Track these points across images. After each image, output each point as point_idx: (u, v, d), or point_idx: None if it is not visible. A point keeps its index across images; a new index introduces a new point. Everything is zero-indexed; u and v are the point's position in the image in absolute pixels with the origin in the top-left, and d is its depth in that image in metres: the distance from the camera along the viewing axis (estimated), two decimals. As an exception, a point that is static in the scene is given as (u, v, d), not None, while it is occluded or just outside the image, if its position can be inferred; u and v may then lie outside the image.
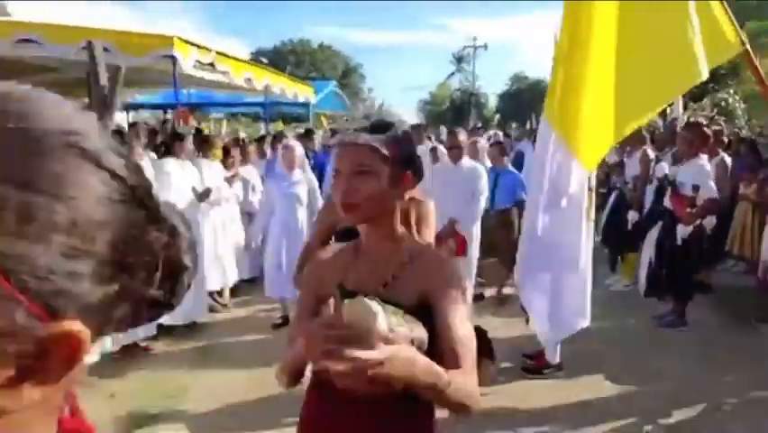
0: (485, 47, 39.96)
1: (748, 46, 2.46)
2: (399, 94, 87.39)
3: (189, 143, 4.50)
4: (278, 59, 42.13)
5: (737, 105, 8.42)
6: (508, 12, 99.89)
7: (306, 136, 9.18)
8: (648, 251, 4.56)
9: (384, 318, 0.98)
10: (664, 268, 4.37)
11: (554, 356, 3.52)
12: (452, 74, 49.00)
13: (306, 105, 14.28)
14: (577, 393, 3.32)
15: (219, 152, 5.57)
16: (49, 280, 0.33)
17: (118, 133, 4.33)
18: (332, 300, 1.30)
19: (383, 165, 1.19)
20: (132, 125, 5.88)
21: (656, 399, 3.26)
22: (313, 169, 5.47)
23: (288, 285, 3.95)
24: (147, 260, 0.40)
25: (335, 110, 18.65)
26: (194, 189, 4.44)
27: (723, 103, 8.62)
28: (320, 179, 5.60)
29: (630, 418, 3.05)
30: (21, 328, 0.32)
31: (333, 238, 2.43)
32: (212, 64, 8.08)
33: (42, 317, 0.33)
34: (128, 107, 14.76)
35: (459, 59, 47.72)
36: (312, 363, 1.09)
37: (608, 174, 6.29)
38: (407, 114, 47.34)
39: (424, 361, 1.05)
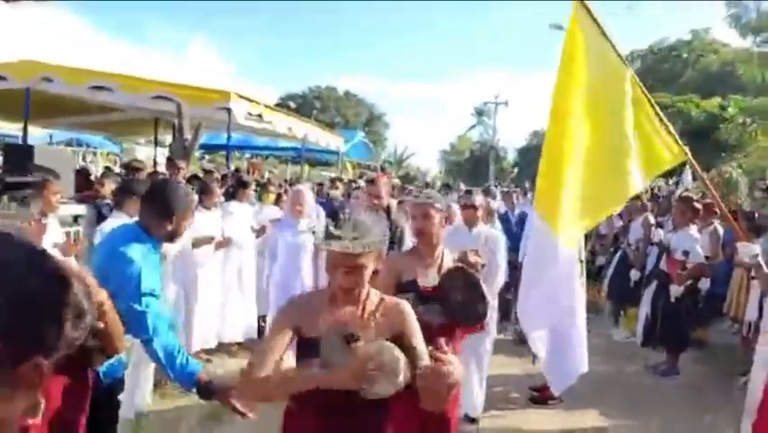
0: (506, 103, 41.11)
1: (690, 156, 3.16)
2: (420, 143, 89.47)
3: (252, 190, 5.23)
4: (305, 104, 43.70)
5: (740, 178, 9.06)
6: (534, 68, 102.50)
7: (333, 184, 9.96)
8: (645, 306, 5.17)
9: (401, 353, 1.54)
10: (658, 322, 4.96)
11: (557, 391, 4.10)
12: (473, 126, 50.34)
13: (335, 152, 15.28)
14: (574, 422, 3.89)
15: (272, 197, 6.27)
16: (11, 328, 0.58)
17: (196, 177, 5.10)
18: (326, 339, 1.65)
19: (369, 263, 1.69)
20: (209, 172, 6.61)
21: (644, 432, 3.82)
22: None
23: None
24: (60, 317, 0.63)
25: (362, 157, 19.69)
26: (252, 228, 5.15)
27: (727, 175, 9.27)
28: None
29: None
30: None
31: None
32: (260, 115, 9.03)
33: (8, 352, 0.57)
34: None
35: (480, 113, 49.01)
36: (356, 386, 1.52)
37: (616, 236, 6.93)
38: (428, 162, 48.38)
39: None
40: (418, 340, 1.71)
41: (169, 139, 14.71)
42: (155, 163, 14.16)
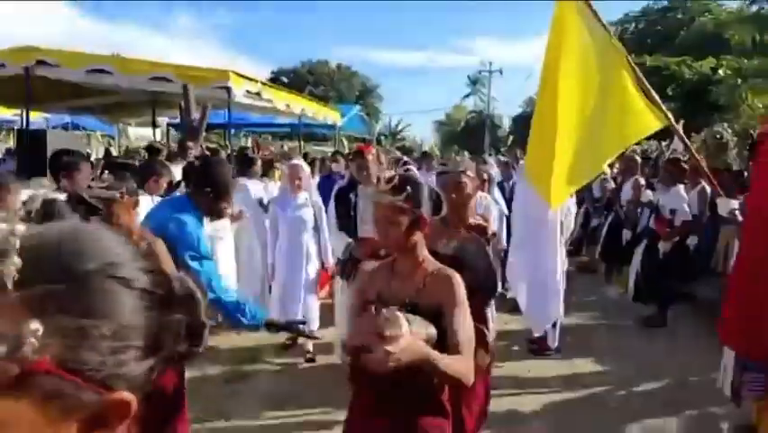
0: (500, 72, 40.90)
1: (673, 121, 3.38)
2: (415, 114, 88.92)
3: (258, 166, 5.43)
4: (298, 79, 43.20)
5: (730, 138, 9.26)
6: (528, 34, 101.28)
7: (333, 158, 10.13)
8: (636, 264, 5.45)
9: (406, 323, 1.49)
10: (648, 278, 5.25)
11: (553, 342, 4.42)
12: (468, 96, 50.04)
13: (332, 126, 15.42)
14: (570, 368, 4.21)
15: (278, 173, 6.45)
16: (102, 370, 0.49)
17: (212, 151, 5.26)
18: (373, 307, 1.70)
19: (403, 216, 1.71)
20: (215, 151, 6.77)
21: (633, 374, 4.14)
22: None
23: (292, 307, 4.27)
24: (173, 333, 0.56)
25: (359, 131, 19.79)
26: (260, 202, 5.36)
27: (718, 135, 9.48)
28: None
29: (609, 386, 3.95)
30: (87, 402, 0.48)
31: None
32: (258, 93, 9.17)
33: (101, 392, 0.49)
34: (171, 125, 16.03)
35: (474, 82, 48.62)
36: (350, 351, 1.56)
37: (609, 199, 7.18)
38: (423, 134, 48.30)
39: (423, 348, 1.52)
40: (458, 313, 1.69)
41: (161, 120, 14.89)
42: (156, 142, 14.25)
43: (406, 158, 8.63)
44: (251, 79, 8.90)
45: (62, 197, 3.03)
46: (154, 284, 0.55)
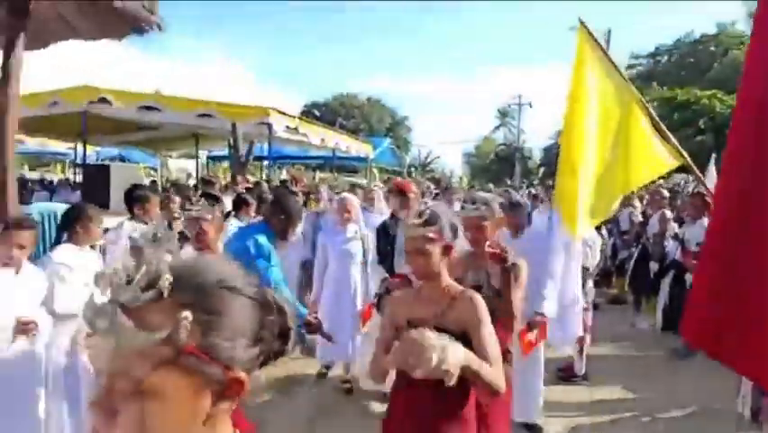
0: (530, 104, 41.16)
1: (689, 160, 3.60)
2: (444, 145, 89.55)
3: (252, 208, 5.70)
4: (330, 112, 44.40)
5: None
6: (556, 67, 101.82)
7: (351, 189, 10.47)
8: (663, 295, 5.56)
9: (444, 338, 1.64)
10: (676, 309, 5.34)
11: (580, 369, 4.56)
12: (497, 128, 50.42)
13: (364, 159, 15.92)
14: (598, 395, 4.34)
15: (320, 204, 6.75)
16: (224, 355, 0.69)
17: (256, 186, 5.69)
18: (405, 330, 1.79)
19: (434, 246, 1.89)
20: (257, 183, 7.22)
21: (659, 402, 4.24)
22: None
23: (340, 348, 4.12)
24: (270, 331, 0.76)
25: (389, 163, 20.28)
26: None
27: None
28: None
29: (634, 412, 4.08)
30: (216, 378, 0.68)
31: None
32: (296, 128, 9.67)
33: (225, 371, 0.69)
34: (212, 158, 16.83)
35: (504, 114, 49.07)
36: (397, 367, 1.74)
37: (637, 233, 7.29)
38: (452, 165, 48.62)
39: (466, 354, 1.68)
40: (484, 330, 1.85)
41: (201, 153, 15.60)
42: (197, 174, 14.98)
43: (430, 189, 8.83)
44: (289, 116, 9.44)
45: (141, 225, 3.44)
46: (257, 294, 0.75)
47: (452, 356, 1.61)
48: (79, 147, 13.86)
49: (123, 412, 0.65)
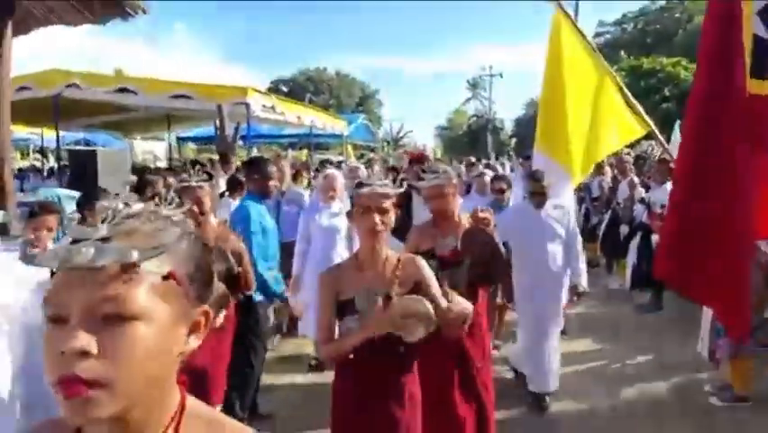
0: (500, 75, 41.44)
1: (653, 127, 3.93)
2: (416, 120, 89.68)
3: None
4: (297, 87, 43.79)
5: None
6: (524, 39, 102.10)
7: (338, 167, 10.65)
8: (632, 255, 5.97)
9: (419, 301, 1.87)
10: (643, 268, 5.75)
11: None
12: (468, 100, 50.59)
13: (339, 135, 16.01)
14: (572, 347, 4.72)
15: (305, 181, 6.85)
16: (196, 288, 0.74)
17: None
18: (379, 301, 1.90)
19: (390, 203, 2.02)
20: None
21: (628, 351, 4.67)
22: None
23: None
24: (218, 274, 0.87)
25: (363, 139, 20.36)
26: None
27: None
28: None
29: (606, 360, 4.53)
30: (192, 307, 0.74)
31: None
32: (273, 107, 9.74)
33: (198, 303, 0.75)
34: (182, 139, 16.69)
35: (474, 86, 49.16)
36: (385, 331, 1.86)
37: (607, 199, 7.69)
38: (425, 139, 48.74)
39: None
40: (434, 286, 2.05)
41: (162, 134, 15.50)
42: (169, 155, 14.88)
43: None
44: (266, 94, 9.50)
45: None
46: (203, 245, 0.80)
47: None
48: (45, 132, 13.76)
49: (108, 337, 0.64)
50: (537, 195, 3.85)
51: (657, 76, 18.53)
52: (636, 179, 6.66)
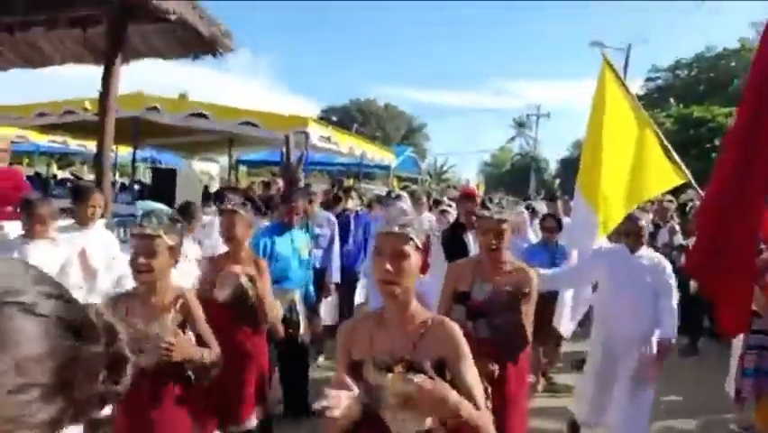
0: (548, 115, 41.57)
1: (691, 178, 4.22)
2: (461, 155, 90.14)
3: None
4: (346, 117, 44.87)
5: None
6: (571, 76, 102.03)
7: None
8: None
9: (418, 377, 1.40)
10: (681, 313, 5.91)
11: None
12: (513, 138, 50.87)
13: (386, 167, 16.63)
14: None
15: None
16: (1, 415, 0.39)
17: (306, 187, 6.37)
18: (367, 366, 1.53)
19: (412, 249, 1.59)
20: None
21: (659, 395, 4.84)
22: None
23: None
24: (88, 371, 0.48)
25: (410, 171, 20.99)
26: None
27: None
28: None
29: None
30: None
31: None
32: (329, 138, 10.40)
33: None
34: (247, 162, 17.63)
35: (520, 124, 49.48)
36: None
37: (649, 243, 7.85)
38: (468, 174, 48.97)
39: (449, 391, 1.41)
40: (465, 366, 1.55)
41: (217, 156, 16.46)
42: (228, 176, 15.78)
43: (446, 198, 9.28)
44: (324, 125, 10.18)
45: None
46: (65, 312, 0.49)
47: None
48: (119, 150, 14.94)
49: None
50: (634, 237, 3.63)
51: (708, 125, 18.40)
52: (677, 227, 6.85)
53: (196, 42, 5.20)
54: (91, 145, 16.99)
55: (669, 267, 3.80)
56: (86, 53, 5.84)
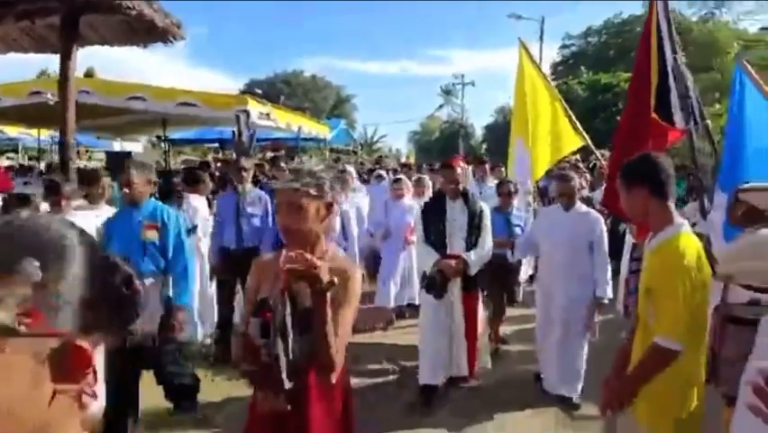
0: (473, 84, 42.89)
1: (588, 140, 5.20)
2: (390, 124, 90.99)
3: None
4: (272, 89, 44.19)
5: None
6: (495, 44, 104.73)
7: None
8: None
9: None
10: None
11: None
12: (441, 106, 51.98)
13: (322, 140, 17.11)
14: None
15: None
16: (61, 318, 0.59)
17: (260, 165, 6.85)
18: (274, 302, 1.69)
19: (311, 202, 1.75)
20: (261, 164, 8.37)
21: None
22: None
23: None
24: (112, 295, 0.66)
25: (342, 143, 21.51)
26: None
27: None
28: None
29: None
30: (52, 344, 0.58)
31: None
32: (268, 114, 10.77)
33: (63, 337, 0.59)
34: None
35: (447, 92, 50.56)
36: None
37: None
38: (398, 143, 49.87)
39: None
40: (342, 314, 1.70)
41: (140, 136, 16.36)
42: (166, 156, 15.73)
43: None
44: (263, 103, 10.53)
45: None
46: (98, 252, 0.68)
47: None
48: (33, 133, 14.50)
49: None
50: (566, 196, 3.95)
51: (614, 90, 20.09)
52: (584, 182, 7.96)
53: (148, 32, 5.50)
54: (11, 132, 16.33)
55: (602, 221, 4.00)
56: (33, 43, 5.97)
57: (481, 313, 4.29)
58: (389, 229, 5.96)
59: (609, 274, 3.96)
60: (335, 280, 1.54)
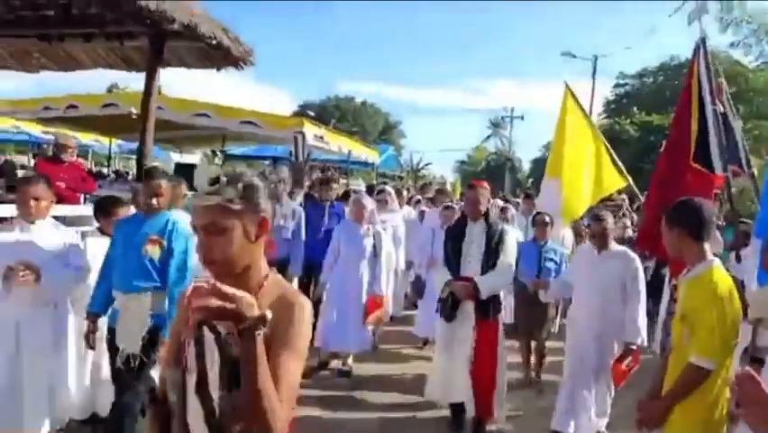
0: (522, 117, 42.81)
1: (632, 183, 5.32)
2: (437, 152, 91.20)
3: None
4: (324, 112, 45.36)
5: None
6: (546, 80, 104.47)
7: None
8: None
9: None
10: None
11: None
12: (489, 137, 52.11)
13: (371, 164, 17.64)
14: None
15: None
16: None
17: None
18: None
19: (235, 220, 1.33)
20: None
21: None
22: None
23: (338, 335, 4.71)
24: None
25: (390, 168, 22.01)
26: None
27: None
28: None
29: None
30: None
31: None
32: (322, 137, 11.30)
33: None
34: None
35: (495, 125, 50.71)
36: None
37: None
38: (444, 172, 49.95)
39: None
40: (287, 355, 1.25)
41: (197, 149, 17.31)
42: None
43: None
44: (317, 125, 11.08)
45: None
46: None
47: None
48: (104, 140, 15.60)
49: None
50: (598, 237, 3.83)
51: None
52: (629, 222, 8.01)
53: (223, 58, 6.02)
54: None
55: (637, 261, 3.83)
56: (119, 61, 6.60)
57: (502, 350, 4.01)
58: (433, 257, 5.55)
59: (643, 316, 3.68)
60: (268, 314, 1.14)
